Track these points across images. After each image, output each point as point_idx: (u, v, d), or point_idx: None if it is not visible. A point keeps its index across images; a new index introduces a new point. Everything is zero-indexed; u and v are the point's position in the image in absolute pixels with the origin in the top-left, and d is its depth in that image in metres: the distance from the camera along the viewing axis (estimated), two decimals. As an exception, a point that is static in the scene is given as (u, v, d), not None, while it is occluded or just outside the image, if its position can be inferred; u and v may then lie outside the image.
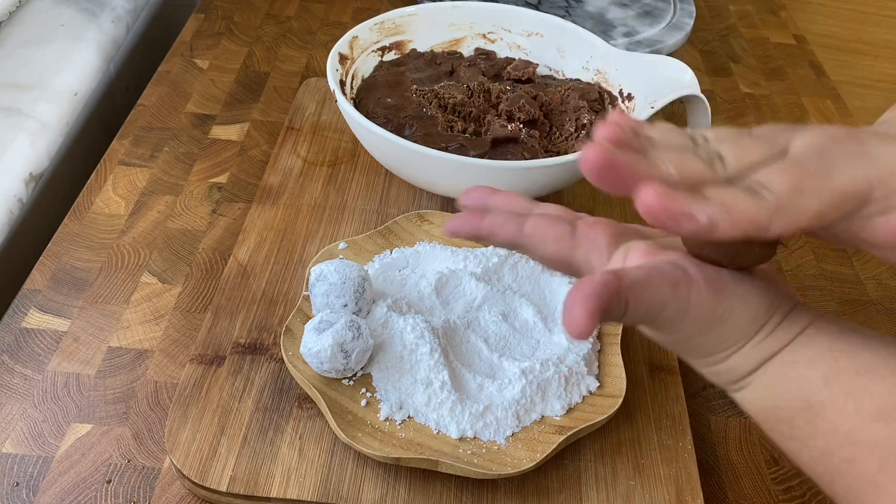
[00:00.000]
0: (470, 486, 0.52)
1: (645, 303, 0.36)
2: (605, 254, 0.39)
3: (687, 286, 0.36)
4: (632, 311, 0.35)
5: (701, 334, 0.37)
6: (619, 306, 0.35)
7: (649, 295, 0.36)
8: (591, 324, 0.33)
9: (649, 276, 0.36)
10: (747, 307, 0.37)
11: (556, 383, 0.54)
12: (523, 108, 0.70)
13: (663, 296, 0.36)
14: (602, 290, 0.34)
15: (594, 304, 0.33)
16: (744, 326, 0.37)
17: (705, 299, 0.36)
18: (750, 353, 0.37)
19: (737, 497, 0.55)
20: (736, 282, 0.37)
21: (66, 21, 0.86)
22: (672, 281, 0.36)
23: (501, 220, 0.40)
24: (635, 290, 0.35)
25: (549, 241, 0.39)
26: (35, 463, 0.53)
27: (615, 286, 0.34)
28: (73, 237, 0.68)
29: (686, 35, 1.00)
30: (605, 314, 0.34)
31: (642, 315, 0.36)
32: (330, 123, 0.80)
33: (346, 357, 0.52)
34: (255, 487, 0.50)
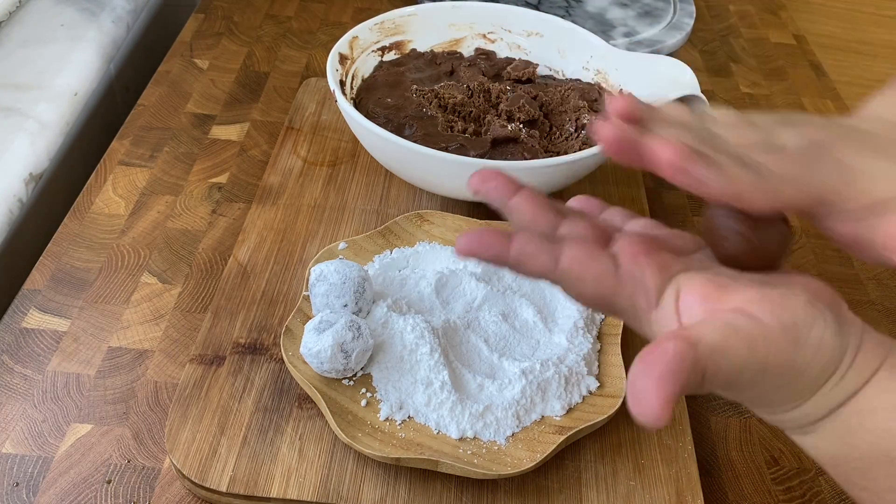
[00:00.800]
0: (470, 486, 0.52)
1: (723, 371, 0.32)
2: (653, 296, 0.34)
3: (764, 343, 0.32)
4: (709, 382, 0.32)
5: (776, 391, 0.34)
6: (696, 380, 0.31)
7: (726, 361, 0.32)
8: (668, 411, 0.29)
9: (725, 340, 0.32)
10: (822, 354, 0.33)
11: (556, 383, 0.54)
12: (523, 108, 0.70)
13: (741, 360, 0.32)
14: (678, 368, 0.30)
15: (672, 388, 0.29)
16: (818, 375, 0.34)
17: (784, 355, 0.33)
18: (821, 400, 0.34)
19: (737, 497, 0.55)
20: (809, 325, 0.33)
21: (66, 21, 0.86)
22: (747, 339, 0.32)
23: (533, 249, 0.34)
24: (713, 358, 0.31)
25: (589, 281, 0.34)
26: (35, 463, 0.53)
27: (691, 359, 0.30)
28: (73, 237, 0.68)
29: (686, 35, 1.00)
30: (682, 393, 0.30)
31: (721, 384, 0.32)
32: (330, 123, 0.80)
33: (346, 357, 0.52)
34: (255, 488, 0.50)
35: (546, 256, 0.34)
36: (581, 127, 0.71)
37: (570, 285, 0.35)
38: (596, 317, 0.59)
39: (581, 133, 0.70)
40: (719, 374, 0.31)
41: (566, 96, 0.73)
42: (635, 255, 0.35)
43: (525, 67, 0.77)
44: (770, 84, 0.96)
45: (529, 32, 0.80)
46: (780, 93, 0.94)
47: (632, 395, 0.29)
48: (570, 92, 0.73)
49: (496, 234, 0.34)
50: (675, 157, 0.33)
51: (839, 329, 0.34)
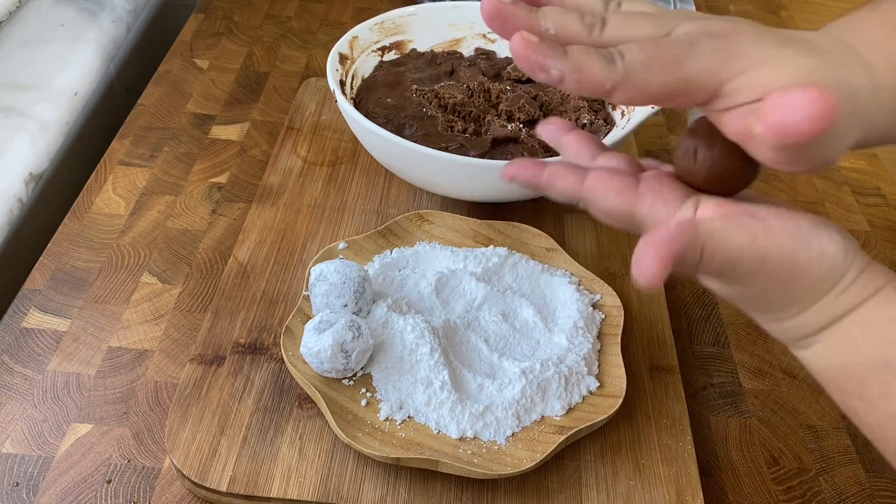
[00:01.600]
0: (470, 486, 0.52)
1: (721, 253, 0.35)
2: (671, 206, 0.38)
3: (765, 237, 0.35)
4: (706, 262, 0.35)
5: (776, 289, 0.36)
6: (693, 255, 0.34)
7: (726, 245, 0.35)
8: (662, 271, 0.32)
9: (726, 226, 0.35)
10: (824, 259, 0.36)
11: (556, 383, 0.54)
12: (523, 108, 0.70)
13: (741, 246, 0.35)
14: (676, 238, 0.33)
15: (667, 251, 0.33)
16: (821, 280, 0.36)
17: (784, 250, 0.35)
18: (823, 308, 0.36)
19: (737, 497, 0.55)
20: (814, 233, 0.36)
21: (66, 21, 0.86)
22: (749, 231, 0.35)
23: (562, 172, 0.39)
24: (712, 238, 0.35)
25: (611, 194, 0.38)
26: (35, 463, 0.53)
27: (690, 234, 0.34)
28: (73, 237, 0.68)
29: (686, 35, 1.00)
30: (679, 263, 0.33)
31: (717, 266, 0.35)
32: (330, 123, 0.80)
33: (346, 357, 0.52)
34: (255, 487, 0.50)
35: (573, 177, 0.38)
36: (581, 127, 0.71)
37: (595, 200, 0.38)
38: (596, 316, 0.59)
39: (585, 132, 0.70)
40: (716, 255, 0.34)
41: (566, 96, 0.73)
42: (658, 175, 0.38)
43: (525, 67, 0.77)
44: (770, 84, 0.96)
45: (529, 32, 0.80)
46: (780, 93, 0.94)
47: (634, 260, 0.33)
48: (570, 92, 0.73)
49: (535, 162, 0.40)
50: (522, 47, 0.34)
51: (844, 244, 0.36)
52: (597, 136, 0.43)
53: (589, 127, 0.70)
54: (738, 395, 0.61)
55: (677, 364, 0.60)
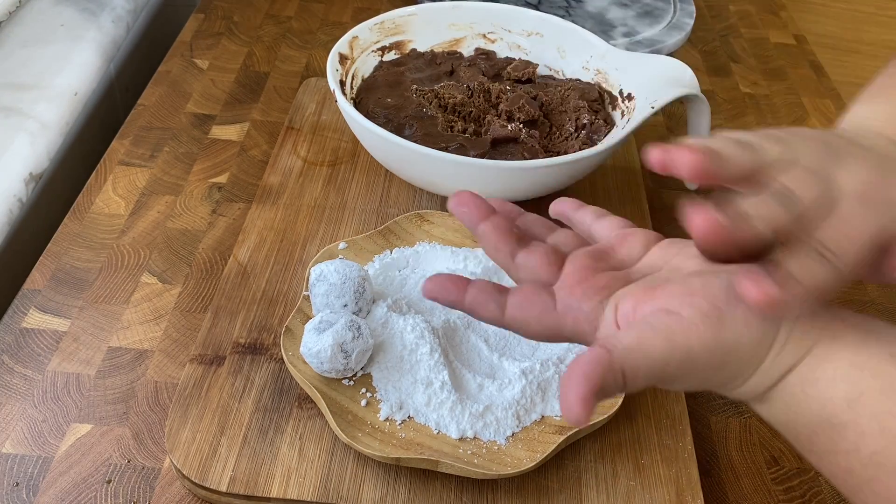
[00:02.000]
0: (470, 486, 0.52)
1: (643, 368, 0.34)
2: (593, 318, 0.38)
3: (683, 333, 0.35)
4: (631, 382, 0.34)
5: (713, 373, 0.36)
6: (616, 380, 0.33)
7: (645, 358, 0.34)
8: (586, 409, 0.32)
9: (639, 338, 0.35)
10: (750, 330, 0.35)
11: (557, 383, 0.54)
12: (523, 108, 0.70)
13: (660, 354, 0.34)
14: (592, 370, 0.33)
15: (587, 387, 0.32)
16: (753, 351, 0.35)
17: (707, 340, 0.35)
18: (766, 373, 0.36)
19: (737, 497, 0.55)
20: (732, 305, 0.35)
21: (66, 21, 0.86)
22: (665, 333, 0.35)
23: (483, 299, 0.39)
24: (629, 357, 0.34)
25: (533, 322, 0.38)
26: (35, 463, 0.53)
27: (606, 361, 0.33)
28: (73, 237, 0.68)
29: (686, 35, 1.00)
30: (602, 393, 0.33)
31: (645, 381, 0.34)
32: (330, 123, 0.80)
33: (346, 357, 0.52)
34: (255, 487, 0.50)
35: (494, 305, 0.39)
36: (581, 127, 0.71)
37: (519, 328, 0.39)
38: (596, 317, 0.59)
39: (581, 133, 0.70)
40: (640, 370, 0.34)
41: (566, 96, 0.73)
42: (571, 288, 0.38)
43: (525, 67, 0.77)
44: (770, 84, 0.96)
45: (529, 32, 0.80)
46: (780, 93, 0.95)
47: (560, 401, 0.33)
48: (570, 92, 0.73)
49: (455, 282, 0.40)
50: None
51: None
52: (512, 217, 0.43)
53: (589, 127, 0.70)
54: (738, 395, 0.61)
55: (677, 364, 0.59)
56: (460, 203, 0.42)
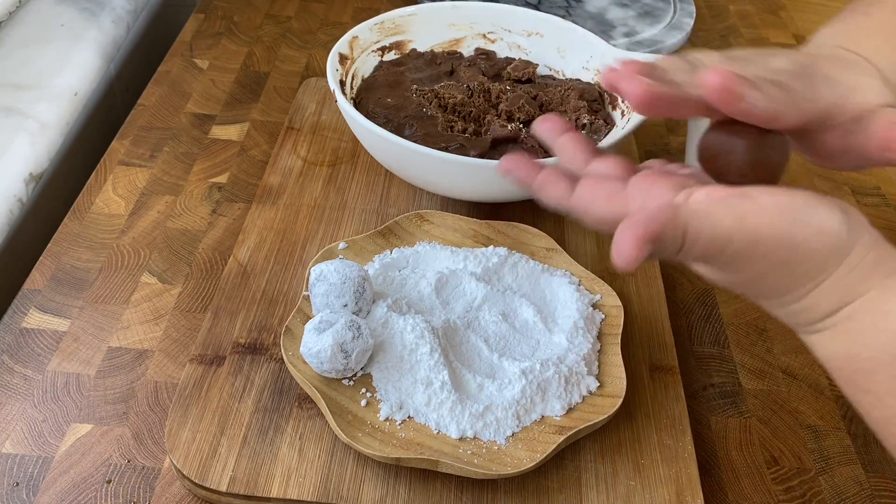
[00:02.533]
0: (470, 486, 0.52)
1: (706, 234, 0.34)
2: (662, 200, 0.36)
3: (756, 215, 0.34)
4: (690, 244, 0.33)
5: (774, 270, 0.35)
6: (675, 236, 0.33)
7: (711, 225, 0.34)
8: (639, 251, 0.32)
9: (712, 207, 0.34)
10: (825, 237, 0.34)
11: (556, 383, 0.54)
12: (523, 108, 0.70)
13: (729, 226, 0.34)
14: (654, 217, 0.32)
15: (643, 231, 0.32)
16: (823, 259, 0.34)
17: (779, 228, 0.34)
18: (830, 290, 0.34)
19: (737, 497, 0.55)
20: (812, 209, 0.34)
21: (66, 21, 0.86)
22: (738, 210, 0.34)
23: (555, 178, 0.39)
24: (696, 218, 0.33)
25: (600, 202, 0.37)
26: (35, 463, 0.53)
27: (670, 214, 0.33)
28: (73, 237, 0.68)
29: (686, 35, 1.00)
30: (659, 243, 0.32)
31: (703, 249, 0.34)
32: (330, 123, 0.80)
33: (346, 357, 0.52)
34: (255, 487, 0.50)
35: (564, 185, 0.38)
36: (581, 127, 0.71)
37: (585, 210, 0.38)
38: (596, 317, 0.59)
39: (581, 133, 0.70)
40: (701, 236, 0.33)
41: (566, 96, 0.73)
42: (647, 174, 0.38)
43: (525, 67, 0.77)
44: (770, 84, 0.96)
45: (529, 32, 0.80)
46: (780, 93, 0.94)
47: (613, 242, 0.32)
48: (570, 92, 0.73)
49: (531, 163, 0.40)
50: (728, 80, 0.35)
51: (847, 220, 0.34)
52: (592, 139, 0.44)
53: (589, 127, 0.70)
54: (738, 395, 0.61)
55: (677, 364, 0.59)
56: (544, 120, 0.43)
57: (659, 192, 0.37)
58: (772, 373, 0.62)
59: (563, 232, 0.70)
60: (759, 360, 0.63)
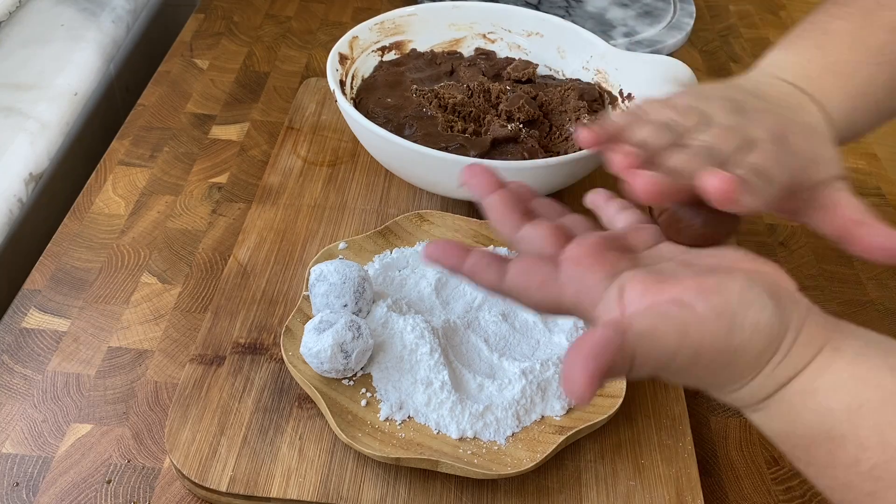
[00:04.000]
0: (470, 486, 0.52)
1: (654, 357, 0.34)
2: (595, 293, 0.37)
3: (697, 329, 0.34)
4: (638, 367, 0.33)
5: (715, 373, 0.36)
6: (623, 364, 0.33)
7: (657, 347, 0.34)
8: (591, 388, 0.31)
9: (654, 326, 0.34)
10: (759, 335, 0.35)
11: (556, 383, 0.54)
12: (523, 108, 0.70)
13: (673, 346, 0.34)
14: (603, 350, 0.32)
15: (594, 366, 0.31)
16: (758, 356, 0.35)
17: (718, 340, 0.34)
18: (765, 380, 0.36)
19: (737, 497, 0.55)
20: (745, 307, 0.35)
21: (66, 21, 0.86)
22: (679, 326, 0.34)
23: (484, 265, 0.38)
24: (642, 342, 0.33)
25: (533, 290, 0.37)
26: (35, 463, 0.53)
27: (617, 343, 0.32)
28: (73, 237, 0.68)
29: (686, 35, 1.00)
30: (609, 374, 0.32)
31: (650, 369, 0.34)
32: (330, 123, 0.80)
33: (346, 357, 0.52)
34: (255, 487, 0.50)
35: (494, 271, 0.38)
36: (581, 127, 0.70)
37: (518, 295, 0.38)
38: (596, 317, 0.59)
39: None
40: (649, 358, 0.34)
41: (566, 96, 0.73)
42: (578, 258, 0.38)
43: (525, 67, 0.77)
44: (770, 84, 0.96)
45: (529, 32, 0.80)
46: (780, 93, 0.94)
47: (563, 376, 0.32)
48: (570, 92, 0.73)
49: (457, 248, 0.39)
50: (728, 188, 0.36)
51: (777, 311, 0.35)
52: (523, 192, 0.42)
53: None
54: (738, 395, 0.61)
55: (677, 364, 0.59)
56: (472, 174, 0.41)
57: (592, 281, 0.37)
58: (772, 373, 0.62)
59: (563, 232, 0.69)
60: (759, 360, 0.63)
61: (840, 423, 0.34)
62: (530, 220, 0.40)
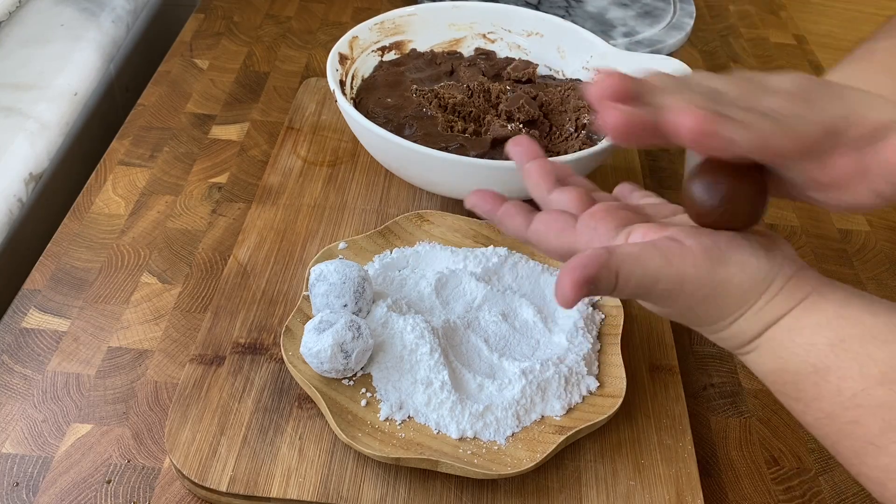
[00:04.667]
0: (470, 486, 0.52)
1: (636, 276, 0.37)
2: (605, 238, 0.41)
3: (681, 257, 0.37)
4: (622, 285, 0.37)
5: (700, 304, 0.38)
6: (608, 278, 0.37)
7: (640, 268, 0.37)
8: (575, 292, 0.36)
9: (641, 250, 0.38)
10: (745, 273, 0.38)
11: (556, 383, 0.54)
12: (523, 109, 0.70)
13: (656, 269, 0.37)
14: (589, 262, 0.36)
15: (580, 274, 0.36)
16: (744, 293, 0.38)
17: (701, 269, 0.38)
18: (753, 319, 0.38)
19: (737, 497, 0.55)
20: (733, 249, 0.38)
21: (66, 21, 0.86)
22: (665, 253, 0.38)
23: (513, 212, 0.43)
24: (626, 263, 0.37)
25: (552, 236, 0.41)
26: (35, 463, 0.53)
27: (604, 258, 0.36)
28: (73, 237, 0.68)
29: (686, 35, 1.00)
30: (594, 285, 0.36)
31: (634, 288, 0.38)
32: (330, 123, 0.80)
33: (346, 357, 0.52)
34: (255, 487, 0.50)
35: (521, 219, 0.43)
36: (581, 127, 0.71)
37: (538, 242, 0.42)
38: (596, 317, 0.59)
39: (581, 133, 0.70)
40: (631, 278, 0.37)
41: (566, 96, 0.73)
42: (594, 212, 0.42)
43: (525, 67, 0.77)
44: (770, 84, 0.96)
45: (529, 32, 0.80)
46: (780, 93, 0.94)
47: (555, 285, 0.36)
48: (570, 92, 0.73)
49: (495, 197, 0.44)
50: (700, 121, 0.34)
51: (767, 255, 0.38)
52: (557, 166, 0.45)
53: (589, 127, 0.70)
54: (738, 395, 0.61)
55: (677, 364, 0.60)
56: (517, 143, 0.46)
57: (604, 230, 0.41)
58: (772, 373, 0.62)
59: (563, 232, 0.70)
60: (759, 360, 0.63)
61: (825, 356, 0.37)
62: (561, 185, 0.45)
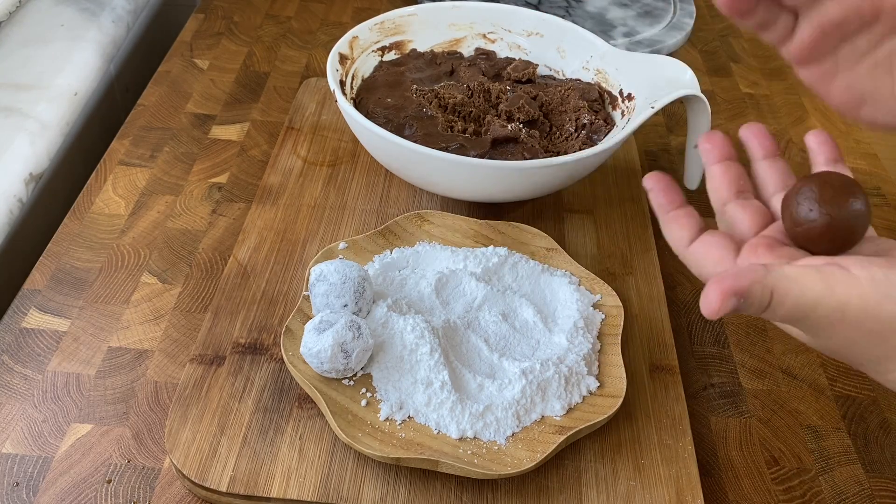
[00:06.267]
0: (470, 486, 0.52)
1: (793, 297, 0.34)
2: None
3: (846, 286, 0.34)
4: (776, 305, 0.34)
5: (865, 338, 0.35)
6: (762, 295, 0.34)
7: (799, 290, 0.34)
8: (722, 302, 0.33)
9: (801, 272, 0.35)
10: None
11: (556, 383, 0.54)
12: (523, 109, 0.70)
13: (817, 293, 0.34)
14: (745, 275, 0.34)
15: (730, 284, 0.33)
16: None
17: (869, 301, 0.34)
18: None
19: (737, 497, 0.55)
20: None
21: (66, 21, 0.86)
22: (828, 279, 0.34)
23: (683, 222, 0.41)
24: (783, 282, 0.34)
25: (709, 265, 0.39)
26: (35, 463, 0.53)
27: (760, 274, 0.34)
28: (73, 237, 0.68)
29: (686, 35, 1.00)
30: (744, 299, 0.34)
31: (789, 311, 0.34)
32: (330, 123, 0.80)
33: (346, 357, 0.52)
34: (255, 487, 0.50)
35: (687, 231, 0.40)
36: (581, 127, 0.71)
37: (695, 262, 0.40)
38: (596, 317, 0.59)
39: (581, 133, 0.70)
40: (788, 298, 0.34)
41: (566, 96, 0.73)
42: (756, 246, 0.39)
43: (525, 67, 0.77)
44: (770, 84, 0.96)
45: (529, 32, 0.80)
46: (780, 93, 0.94)
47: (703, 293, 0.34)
48: (570, 92, 0.73)
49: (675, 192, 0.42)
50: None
51: None
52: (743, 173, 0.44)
53: (589, 127, 0.70)
54: (738, 395, 0.61)
55: (677, 364, 0.60)
56: (708, 139, 0.44)
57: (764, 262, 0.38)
58: (772, 373, 0.62)
59: (563, 232, 0.70)
60: (759, 360, 0.63)
61: None
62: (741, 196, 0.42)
